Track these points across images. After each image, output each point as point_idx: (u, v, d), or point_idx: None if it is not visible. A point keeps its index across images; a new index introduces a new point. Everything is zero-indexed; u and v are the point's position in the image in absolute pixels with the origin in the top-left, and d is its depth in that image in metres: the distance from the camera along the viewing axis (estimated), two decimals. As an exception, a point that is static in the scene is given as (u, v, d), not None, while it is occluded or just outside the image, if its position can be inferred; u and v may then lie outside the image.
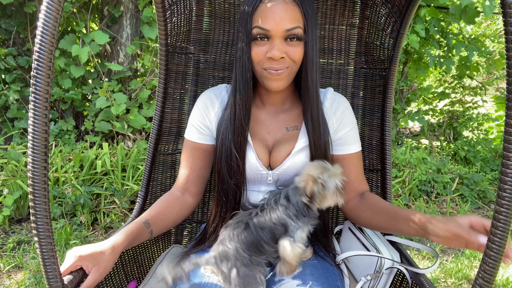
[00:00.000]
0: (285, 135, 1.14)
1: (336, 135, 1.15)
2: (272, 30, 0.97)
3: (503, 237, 0.68)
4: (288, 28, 0.97)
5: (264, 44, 1.00)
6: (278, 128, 1.15)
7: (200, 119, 1.17)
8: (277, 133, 1.15)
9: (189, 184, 1.19)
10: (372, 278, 1.06)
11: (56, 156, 2.98)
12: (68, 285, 0.84)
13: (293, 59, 1.01)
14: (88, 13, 3.46)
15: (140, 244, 1.34)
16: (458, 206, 3.31)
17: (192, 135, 1.18)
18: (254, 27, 0.99)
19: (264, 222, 0.97)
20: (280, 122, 1.16)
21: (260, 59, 1.01)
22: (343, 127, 1.16)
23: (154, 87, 3.44)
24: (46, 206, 0.74)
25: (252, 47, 1.02)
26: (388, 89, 1.35)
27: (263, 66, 1.02)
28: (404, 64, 4.20)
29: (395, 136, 4.44)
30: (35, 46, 0.69)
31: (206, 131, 1.17)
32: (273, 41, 0.99)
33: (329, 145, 1.12)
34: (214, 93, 1.18)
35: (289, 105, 1.18)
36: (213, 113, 1.15)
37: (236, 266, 0.93)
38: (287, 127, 1.15)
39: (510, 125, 0.65)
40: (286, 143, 1.12)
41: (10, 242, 2.38)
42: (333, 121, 1.14)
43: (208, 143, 1.18)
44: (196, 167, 1.18)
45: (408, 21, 1.24)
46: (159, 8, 1.21)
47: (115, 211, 2.71)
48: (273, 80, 1.03)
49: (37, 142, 0.71)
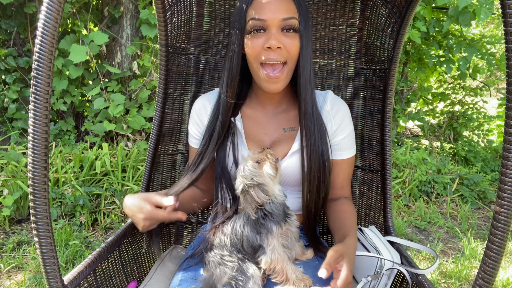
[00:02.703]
0: (282, 135, 1.14)
1: (333, 139, 1.15)
2: (269, 19, 0.98)
3: (503, 238, 0.68)
4: (284, 17, 0.98)
5: (260, 36, 1.00)
6: (275, 129, 1.15)
7: (196, 128, 1.22)
8: (274, 133, 1.15)
9: (198, 184, 1.23)
10: (372, 279, 1.06)
11: (56, 157, 2.98)
12: (68, 285, 0.84)
13: (289, 51, 1.01)
14: (88, 14, 3.46)
15: (140, 244, 1.34)
16: (458, 206, 3.31)
17: (191, 140, 1.25)
18: (249, 20, 0.99)
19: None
20: (277, 123, 1.15)
21: (257, 52, 1.00)
22: (340, 132, 1.15)
23: (154, 87, 3.44)
24: (46, 207, 0.74)
25: (248, 41, 1.01)
26: (388, 89, 1.35)
27: (261, 59, 1.01)
28: (404, 65, 4.20)
29: (395, 137, 4.44)
30: (35, 47, 0.69)
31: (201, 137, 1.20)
32: (270, 31, 0.99)
33: (327, 148, 1.10)
34: (207, 99, 1.20)
35: (286, 106, 1.17)
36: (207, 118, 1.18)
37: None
38: (284, 128, 1.14)
39: (510, 125, 0.65)
40: (283, 143, 1.12)
41: (10, 242, 2.38)
42: (332, 124, 1.14)
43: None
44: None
45: (408, 22, 1.24)
46: (159, 8, 1.21)
47: (115, 211, 2.71)
48: (271, 82, 1.02)
49: (37, 143, 0.71)
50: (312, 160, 1.07)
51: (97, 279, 1.05)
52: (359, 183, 1.47)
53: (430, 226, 2.98)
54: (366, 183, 1.45)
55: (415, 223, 3.00)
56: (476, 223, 3.05)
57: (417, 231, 2.91)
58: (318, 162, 1.07)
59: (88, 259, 1.00)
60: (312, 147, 1.07)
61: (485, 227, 3.03)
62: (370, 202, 1.44)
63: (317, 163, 1.07)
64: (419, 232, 2.90)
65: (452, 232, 2.90)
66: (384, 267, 1.06)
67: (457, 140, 4.59)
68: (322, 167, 1.08)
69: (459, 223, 3.06)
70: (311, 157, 1.07)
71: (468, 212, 3.19)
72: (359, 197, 1.47)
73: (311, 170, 1.07)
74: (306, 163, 1.07)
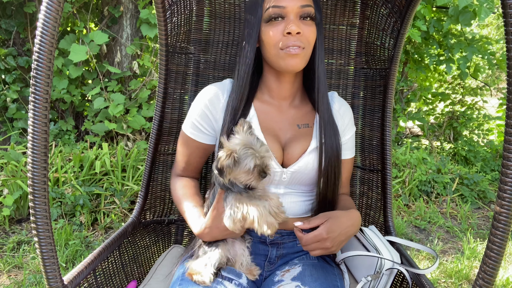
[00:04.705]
0: (297, 132, 1.12)
1: (341, 139, 1.15)
2: (288, 6, 1.00)
3: (503, 238, 0.68)
4: (303, 4, 1.01)
5: (279, 24, 1.02)
6: (290, 124, 1.13)
7: (203, 118, 1.12)
8: (288, 129, 1.12)
9: (188, 173, 1.23)
10: (372, 278, 1.06)
11: (56, 156, 2.98)
12: (68, 285, 0.84)
13: (307, 38, 1.03)
14: (88, 13, 3.46)
15: (140, 244, 1.34)
16: (458, 206, 3.31)
17: (190, 130, 1.15)
18: (268, 8, 1.01)
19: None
20: (291, 119, 1.14)
21: (277, 39, 1.01)
22: (347, 133, 1.17)
23: (154, 87, 3.44)
24: (46, 206, 0.74)
25: (267, 29, 1.02)
26: (388, 89, 1.34)
27: (280, 45, 1.01)
28: (404, 64, 4.20)
29: (395, 136, 4.44)
30: (35, 46, 0.69)
31: (209, 131, 1.14)
32: (288, 18, 1.01)
33: (340, 147, 1.10)
34: (220, 89, 1.13)
35: (298, 102, 1.17)
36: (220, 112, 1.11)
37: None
38: (298, 124, 1.13)
39: (510, 126, 0.65)
40: (300, 140, 1.10)
41: (10, 242, 2.38)
42: (340, 125, 1.14)
43: (207, 142, 1.16)
44: (193, 161, 1.20)
45: (409, 21, 1.24)
46: (159, 8, 1.21)
47: (115, 211, 2.71)
48: (291, 57, 1.01)
49: (37, 142, 0.71)
50: (330, 157, 1.07)
51: (97, 279, 1.05)
52: (359, 182, 1.47)
53: (430, 226, 2.98)
54: (366, 182, 1.45)
55: (415, 222, 3.00)
56: (476, 222, 3.05)
57: (417, 230, 2.91)
58: (334, 160, 1.08)
59: (88, 259, 1.00)
60: (329, 144, 1.07)
61: (485, 226, 3.03)
62: (370, 201, 1.44)
63: (333, 160, 1.08)
64: (419, 232, 2.90)
65: (452, 231, 2.90)
66: (384, 267, 1.06)
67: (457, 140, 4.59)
68: (337, 165, 1.09)
69: (459, 223, 3.06)
70: (328, 154, 1.07)
71: (468, 212, 3.19)
72: (359, 197, 1.47)
73: (329, 168, 1.07)
74: (324, 161, 1.07)
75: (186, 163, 1.19)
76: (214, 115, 1.12)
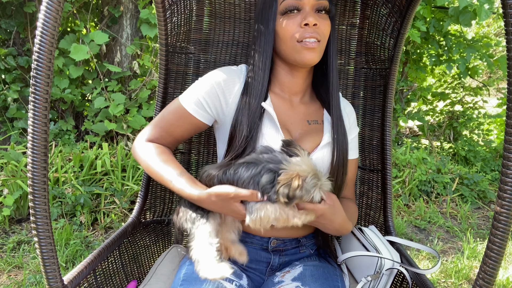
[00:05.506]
0: (308, 127, 1.11)
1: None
2: None
3: (503, 238, 0.68)
4: None
5: (295, 16, 1.02)
6: (300, 119, 1.12)
7: (211, 97, 1.07)
8: (299, 124, 1.11)
9: (162, 142, 1.12)
10: (372, 278, 1.06)
11: (56, 156, 2.98)
12: (68, 285, 0.84)
13: (323, 31, 1.03)
14: (88, 13, 3.46)
15: (140, 244, 1.34)
16: (458, 206, 3.31)
17: (193, 107, 1.07)
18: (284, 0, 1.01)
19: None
20: (302, 114, 1.13)
21: (293, 31, 1.01)
22: (351, 132, 1.17)
23: (154, 87, 3.44)
24: (46, 206, 0.74)
25: (283, 22, 1.02)
26: (388, 89, 1.35)
27: (297, 37, 1.01)
28: (404, 64, 4.20)
29: (395, 136, 4.44)
30: (35, 46, 0.69)
31: (212, 112, 1.08)
32: (305, 10, 1.01)
33: (348, 145, 1.11)
34: (236, 74, 1.09)
35: (308, 99, 1.16)
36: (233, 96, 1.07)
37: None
38: (308, 120, 1.13)
39: (510, 125, 0.65)
40: (313, 134, 1.09)
41: (10, 242, 2.38)
42: (346, 123, 1.15)
43: (205, 121, 1.09)
44: (177, 135, 1.11)
45: (409, 21, 1.24)
46: (159, 8, 1.21)
47: (115, 211, 2.71)
48: (308, 50, 1.01)
49: (37, 142, 0.71)
50: (342, 153, 1.07)
51: (97, 278, 1.05)
52: (359, 182, 1.47)
53: (430, 226, 2.98)
54: (366, 182, 1.45)
55: (415, 222, 3.00)
56: (476, 222, 3.05)
57: (417, 230, 2.91)
58: (344, 156, 1.08)
59: (88, 258, 1.00)
60: (341, 140, 1.08)
61: (485, 226, 3.03)
62: (370, 201, 1.44)
63: (344, 157, 1.08)
64: (419, 232, 2.90)
65: (452, 231, 2.90)
66: (384, 267, 1.06)
67: (457, 140, 4.59)
68: (345, 162, 1.09)
69: (459, 223, 3.06)
70: (340, 150, 1.07)
71: (468, 212, 3.19)
72: (359, 196, 1.47)
73: (339, 163, 1.07)
74: (336, 156, 1.07)
75: (168, 132, 1.10)
76: (227, 98, 1.06)
